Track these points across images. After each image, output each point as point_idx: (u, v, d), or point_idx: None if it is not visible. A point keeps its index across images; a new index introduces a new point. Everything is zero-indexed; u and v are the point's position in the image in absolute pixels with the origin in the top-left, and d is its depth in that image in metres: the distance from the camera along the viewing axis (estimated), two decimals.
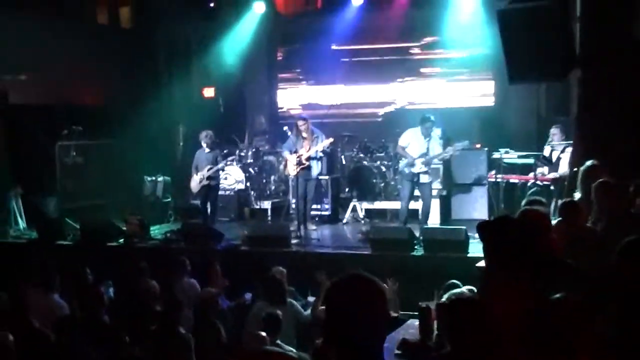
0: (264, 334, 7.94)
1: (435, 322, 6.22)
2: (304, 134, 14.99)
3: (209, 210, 15.94)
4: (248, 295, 10.55)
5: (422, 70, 19.38)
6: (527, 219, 5.37)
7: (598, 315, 3.73)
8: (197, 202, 16.33)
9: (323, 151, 15.22)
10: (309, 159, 14.90)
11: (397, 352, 5.67)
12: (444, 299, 6.57)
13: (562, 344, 3.47)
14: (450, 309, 4.09)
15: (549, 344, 3.49)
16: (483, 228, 5.03)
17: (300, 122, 15.19)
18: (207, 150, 15.70)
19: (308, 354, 6.79)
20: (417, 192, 14.50)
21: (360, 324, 3.24)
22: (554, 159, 14.21)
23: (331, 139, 15.31)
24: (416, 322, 6.44)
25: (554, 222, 7.22)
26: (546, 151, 14.50)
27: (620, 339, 4.03)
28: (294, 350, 7.29)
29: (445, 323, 4.01)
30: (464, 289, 6.98)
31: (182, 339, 8.16)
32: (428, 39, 19.12)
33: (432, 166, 14.47)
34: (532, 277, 4.47)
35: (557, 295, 3.80)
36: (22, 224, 15.67)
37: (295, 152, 14.90)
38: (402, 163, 14.55)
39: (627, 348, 4.17)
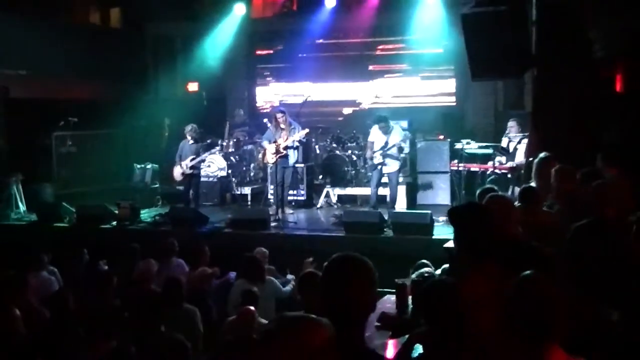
0: (252, 307, 7.97)
1: (410, 297, 6.32)
2: (282, 125, 15.00)
3: (191, 196, 15.98)
4: (232, 274, 10.57)
5: (390, 68, 19.47)
6: (494, 205, 5.44)
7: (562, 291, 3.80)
8: (182, 188, 16.33)
9: (299, 141, 15.19)
10: (286, 148, 14.92)
11: (376, 324, 5.75)
12: (414, 276, 6.64)
13: (533, 320, 3.54)
14: (427, 292, 4.16)
15: (520, 321, 3.57)
16: (454, 214, 5.10)
17: (278, 115, 15.20)
18: (191, 142, 15.71)
19: None
20: (385, 179, 14.62)
21: (353, 299, 3.34)
22: (510, 150, 14.30)
23: (307, 130, 15.31)
24: (392, 297, 6.52)
25: None
26: (504, 142, 14.58)
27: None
28: None
29: (422, 305, 4.07)
30: (433, 270, 7.04)
31: (188, 312, 8.20)
32: (396, 39, 19.20)
33: (397, 161, 14.51)
34: (500, 259, 4.57)
35: (526, 273, 3.87)
36: (22, 207, 15.60)
37: (274, 142, 14.94)
38: (367, 155, 14.76)
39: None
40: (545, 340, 3.55)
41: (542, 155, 8.91)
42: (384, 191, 14.74)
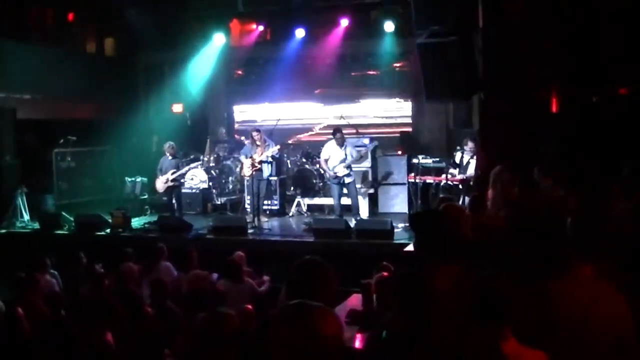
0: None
1: (374, 295, 6.28)
2: (258, 142, 14.99)
3: (175, 206, 15.92)
4: (215, 275, 10.50)
5: (354, 91, 19.50)
6: (449, 211, 5.45)
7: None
8: (166, 198, 16.27)
9: (272, 156, 15.15)
10: (261, 162, 14.90)
11: (346, 320, 5.70)
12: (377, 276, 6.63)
13: (494, 315, 3.55)
14: (396, 281, 4.13)
15: (482, 311, 3.56)
16: (415, 219, 5.09)
17: (254, 133, 15.21)
18: (170, 157, 15.79)
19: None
20: (345, 190, 14.57)
21: (316, 296, 3.31)
22: (464, 163, 14.31)
23: (278, 146, 15.34)
24: (358, 296, 6.48)
25: None
26: (457, 156, 14.61)
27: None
28: None
29: (392, 294, 4.03)
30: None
31: (172, 311, 8.13)
32: (359, 65, 19.25)
33: (359, 169, 14.51)
34: (456, 258, 4.56)
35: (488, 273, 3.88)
36: (26, 216, 15.47)
37: (251, 157, 14.91)
38: (327, 175, 14.68)
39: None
40: (502, 326, 3.55)
41: (496, 168, 8.96)
42: (346, 201, 14.67)
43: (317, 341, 2.62)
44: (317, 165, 16.55)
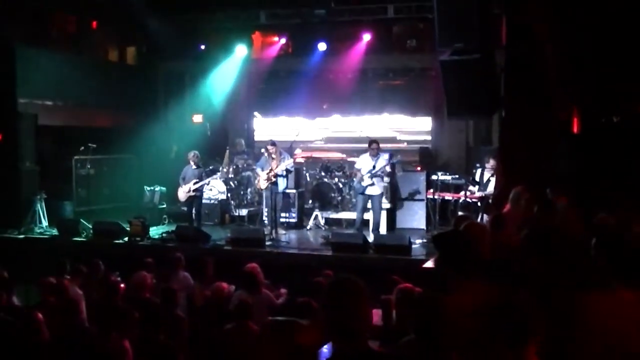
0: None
1: (394, 312, 6.33)
2: (273, 155, 15.05)
3: (194, 215, 15.98)
4: (232, 287, 10.53)
5: (375, 106, 19.60)
6: (471, 230, 5.50)
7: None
8: (185, 209, 16.32)
9: (287, 170, 15.15)
10: (276, 175, 14.96)
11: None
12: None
13: (515, 336, 3.59)
14: (416, 304, 4.19)
15: (504, 335, 3.61)
16: (438, 239, 5.16)
17: (269, 146, 15.26)
18: (193, 167, 15.77)
19: None
20: (369, 205, 14.60)
21: (354, 314, 3.39)
22: (484, 181, 14.34)
23: (292, 160, 15.34)
24: (377, 311, 6.53)
25: None
26: (477, 174, 14.63)
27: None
28: None
29: (412, 315, 4.10)
30: None
31: (178, 319, 8.20)
32: (380, 81, 19.33)
33: (382, 184, 14.53)
34: (479, 276, 4.62)
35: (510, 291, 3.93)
36: (44, 222, 15.60)
37: (269, 169, 15.00)
38: (355, 180, 14.68)
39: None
40: (526, 344, 3.60)
41: (518, 187, 9.00)
42: (367, 215, 14.71)
43: (294, 350, 2.75)
44: (336, 179, 16.64)
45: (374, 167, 14.19)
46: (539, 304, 4.04)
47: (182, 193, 15.73)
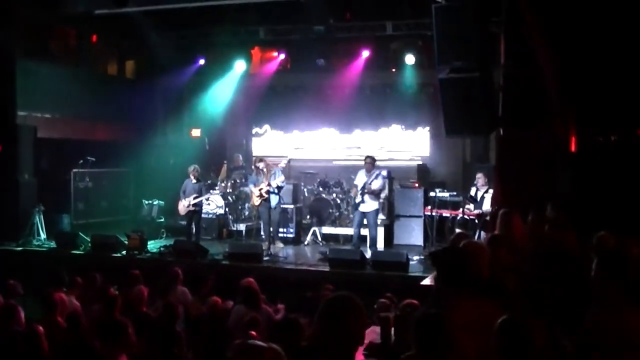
0: (254, 333, 7.98)
1: (393, 329, 6.39)
2: (264, 171, 15.15)
3: (193, 230, 16.02)
4: (230, 303, 10.57)
5: (372, 123, 19.72)
6: (470, 249, 5.56)
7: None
8: (184, 222, 16.39)
9: (278, 186, 15.16)
10: (267, 192, 15.03)
11: (364, 352, 5.81)
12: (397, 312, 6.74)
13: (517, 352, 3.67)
14: (418, 322, 4.24)
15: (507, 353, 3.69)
16: (436, 256, 5.23)
17: (259, 162, 15.37)
18: (194, 181, 15.82)
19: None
20: (365, 221, 14.67)
21: (349, 333, 3.48)
22: (478, 198, 14.45)
23: (283, 177, 15.32)
24: (377, 329, 6.59)
25: None
26: (472, 191, 14.73)
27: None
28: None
29: (415, 334, 4.16)
30: None
31: (178, 335, 8.23)
32: (378, 98, 19.42)
33: (375, 201, 14.59)
34: (476, 295, 4.69)
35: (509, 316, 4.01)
36: (43, 235, 15.65)
37: (260, 186, 15.08)
38: (353, 196, 14.77)
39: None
40: None
41: (503, 210, 9.07)
42: (364, 231, 14.78)
43: None
44: (334, 195, 16.71)
45: (365, 183, 14.31)
46: (545, 323, 4.15)
47: (182, 207, 15.79)
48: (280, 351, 3.43)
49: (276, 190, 15.19)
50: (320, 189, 17.20)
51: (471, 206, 14.43)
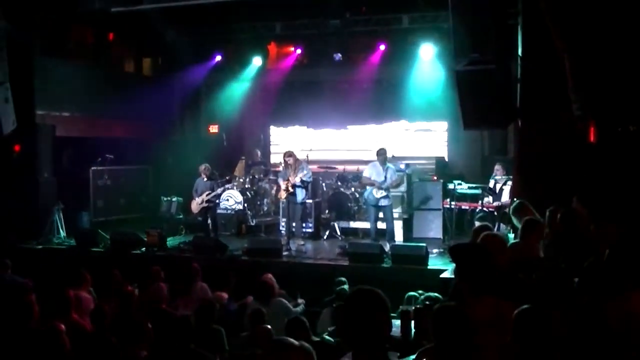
0: (269, 326, 7.99)
1: (412, 322, 6.39)
2: (292, 166, 15.17)
3: (210, 226, 16.05)
4: (250, 298, 10.59)
5: (391, 116, 19.69)
6: (488, 242, 5.54)
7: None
8: (200, 219, 16.44)
9: (303, 181, 15.08)
10: (294, 186, 15.03)
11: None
12: (418, 305, 6.73)
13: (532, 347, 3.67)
14: (437, 314, 4.24)
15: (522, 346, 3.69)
16: (455, 251, 5.21)
17: (286, 157, 15.34)
18: (205, 179, 15.89)
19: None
20: (381, 214, 14.68)
21: (375, 326, 3.46)
22: (497, 190, 14.41)
23: (306, 171, 15.21)
24: (397, 322, 6.58)
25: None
26: (491, 184, 14.67)
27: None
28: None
29: (431, 325, 4.15)
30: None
31: (216, 331, 8.27)
32: (396, 91, 19.34)
33: (396, 194, 14.57)
34: (495, 290, 4.68)
35: (524, 307, 3.99)
36: (62, 233, 15.74)
37: (287, 180, 15.08)
38: (366, 191, 14.70)
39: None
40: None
41: (516, 202, 9.03)
42: (382, 225, 14.77)
43: None
44: (353, 189, 16.69)
45: (385, 178, 14.27)
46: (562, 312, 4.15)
47: (195, 205, 15.86)
48: (312, 350, 3.42)
49: (302, 185, 15.18)
50: (339, 183, 17.16)
51: (490, 198, 14.38)
